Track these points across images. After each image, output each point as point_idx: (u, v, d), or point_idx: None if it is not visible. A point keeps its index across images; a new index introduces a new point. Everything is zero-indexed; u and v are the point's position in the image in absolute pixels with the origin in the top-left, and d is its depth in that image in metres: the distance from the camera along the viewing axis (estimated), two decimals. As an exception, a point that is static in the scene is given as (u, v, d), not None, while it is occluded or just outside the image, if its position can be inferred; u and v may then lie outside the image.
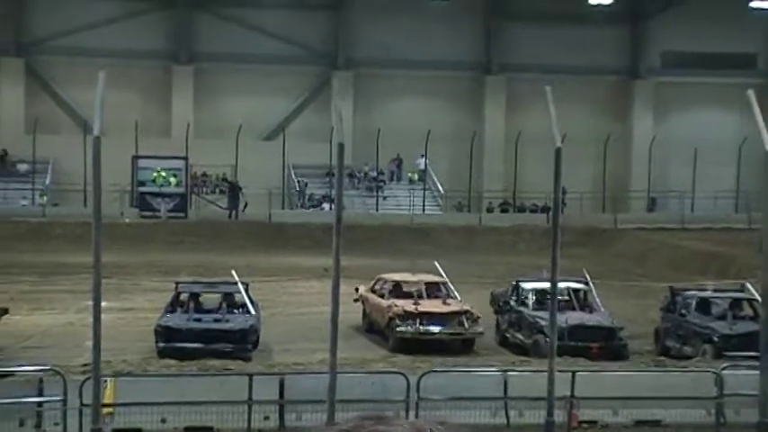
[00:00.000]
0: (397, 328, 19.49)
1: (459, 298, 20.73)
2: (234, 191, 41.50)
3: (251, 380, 13.91)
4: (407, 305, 19.88)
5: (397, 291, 20.98)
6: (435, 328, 19.65)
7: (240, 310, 19.08)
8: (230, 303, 19.25)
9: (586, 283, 20.82)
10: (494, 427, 14.00)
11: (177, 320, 18.16)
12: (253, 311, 18.98)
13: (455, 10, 45.88)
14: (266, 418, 14.14)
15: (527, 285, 20.62)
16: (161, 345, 17.55)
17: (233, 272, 20.24)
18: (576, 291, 20.52)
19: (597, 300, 20.51)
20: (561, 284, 20.08)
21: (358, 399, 13.05)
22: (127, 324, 21.17)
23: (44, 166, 42.35)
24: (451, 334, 19.72)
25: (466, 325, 19.70)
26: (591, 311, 19.99)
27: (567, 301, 19.90)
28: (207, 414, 13.89)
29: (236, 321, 18.34)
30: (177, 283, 19.91)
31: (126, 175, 40.56)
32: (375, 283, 21.85)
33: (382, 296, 20.96)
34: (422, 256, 24.04)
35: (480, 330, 19.84)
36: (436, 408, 13.63)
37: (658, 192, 46.25)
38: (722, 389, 14.24)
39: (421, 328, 19.56)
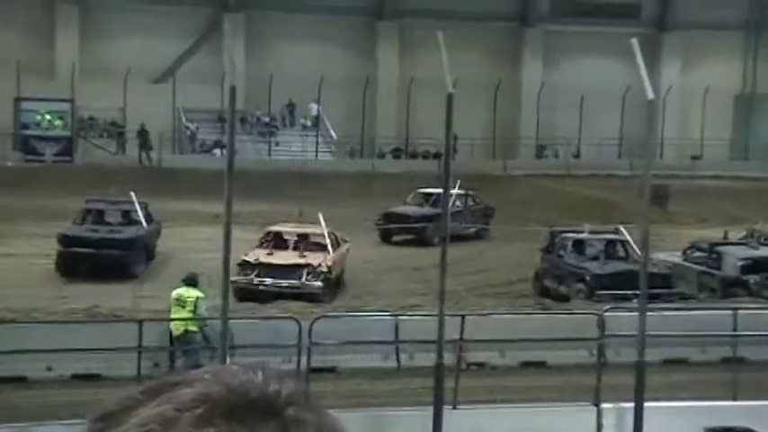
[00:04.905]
0: (231, 278, 19.29)
1: (331, 251, 20.49)
2: (143, 137, 40.48)
3: (141, 326, 13.77)
4: (261, 255, 19.83)
5: (277, 240, 21.05)
6: (267, 280, 19.39)
7: (137, 225, 21.72)
8: (129, 219, 22.15)
9: None
10: (385, 370, 14.23)
11: (76, 230, 21.12)
12: (145, 226, 21.72)
13: (349, -47, 45.40)
14: (156, 365, 14.06)
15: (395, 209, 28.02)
16: (60, 249, 20.15)
17: (132, 193, 22.47)
18: None
19: None
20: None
21: (251, 344, 13.07)
22: (9, 270, 20.60)
23: None
24: (284, 287, 19.37)
25: (303, 279, 19.49)
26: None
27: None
28: (94, 362, 13.72)
29: (127, 232, 21.20)
30: (87, 200, 23.15)
31: (7, 117, 39.06)
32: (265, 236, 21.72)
33: (262, 245, 20.89)
34: (314, 203, 24.07)
35: (317, 285, 19.44)
36: (328, 352, 13.77)
37: (546, 139, 47.17)
38: (603, 330, 14.76)
39: (255, 279, 19.37)
